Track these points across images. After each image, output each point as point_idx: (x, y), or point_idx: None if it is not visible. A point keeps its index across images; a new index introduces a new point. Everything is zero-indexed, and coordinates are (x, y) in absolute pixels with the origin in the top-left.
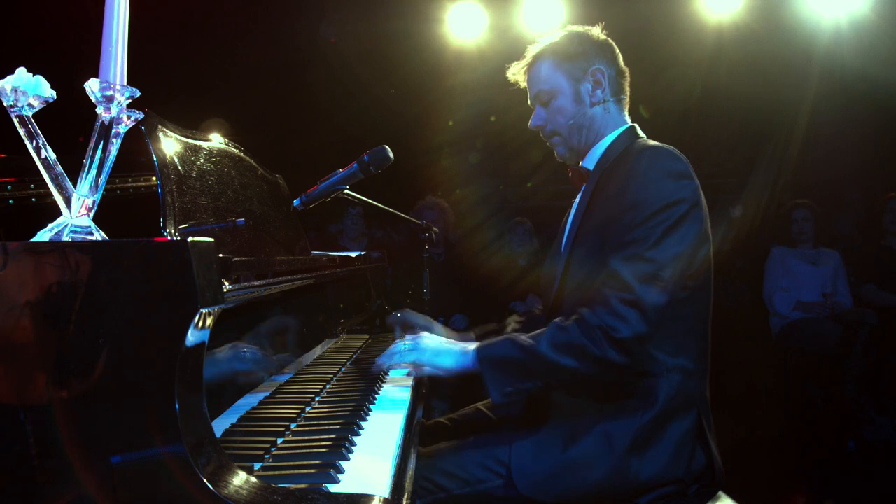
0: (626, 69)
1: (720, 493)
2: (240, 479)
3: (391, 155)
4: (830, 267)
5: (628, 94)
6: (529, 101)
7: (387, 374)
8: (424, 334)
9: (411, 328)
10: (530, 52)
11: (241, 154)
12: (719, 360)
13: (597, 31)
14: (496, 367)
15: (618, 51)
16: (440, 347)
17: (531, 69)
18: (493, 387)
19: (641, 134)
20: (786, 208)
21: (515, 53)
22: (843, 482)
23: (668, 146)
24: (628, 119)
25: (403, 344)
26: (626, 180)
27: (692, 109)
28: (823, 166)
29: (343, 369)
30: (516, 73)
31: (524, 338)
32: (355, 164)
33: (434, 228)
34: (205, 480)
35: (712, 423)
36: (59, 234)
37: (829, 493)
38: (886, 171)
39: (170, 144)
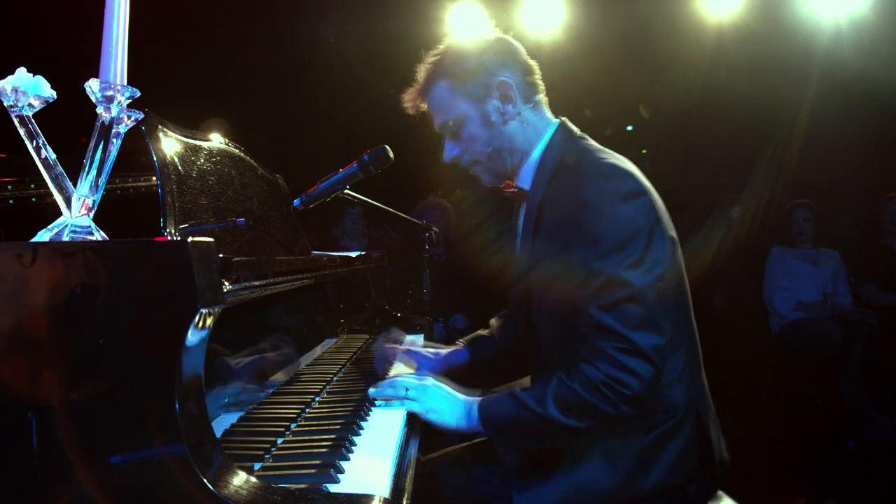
0: (532, 63)
1: (720, 492)
2: (240, 479)
3: (391, 155)
4: (830, 267)
5: (542, 87)
6: (436, 129)
7: (387, 373)
8: (429, 381)
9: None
10: (421, 76)
11: (241, 154)
12: (719, 360)
13: (492, 34)
14: (501, 429)
15: (517, 45)
16: (443, 401)
17: (428, 95)
18: (499, 446)
19: (573, 129)
20: (786, 208)
21: None
22: (843, 482)
23: (608, 160)
24: (551, 116)
25: (403, 380)
26: (576, 210)
27: (692, 109)
28: (823, 166)
29: (343, 369)
30: (412, 102)
31: (527, 396)
32: (355, 164)
33: (434, 228)
34: (205, 480)
35: (714, 415)
36: (59, 234)
37: (829, 493)
38: (886, 171)
39: (170, 144)
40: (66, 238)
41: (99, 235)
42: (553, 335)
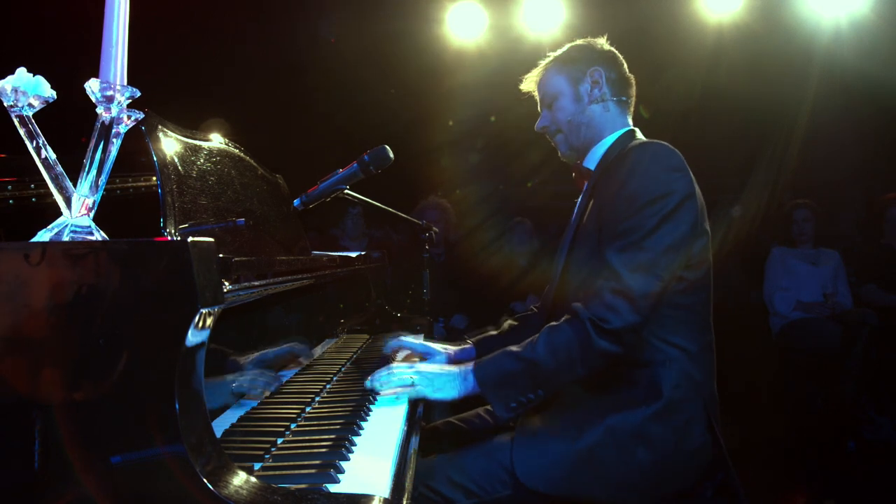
0: (630, 76)
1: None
2: (240, 479)
3: (391, 155)
4: (831, 267)
5: (633, 99)
6: (538, 108)
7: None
8: (421, 365)
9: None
10: (540, 64)
11: (241, 154)
12: (719, 360)
13: (601, 42)
14: (497, 384)
15: (622, 59)
16: (440, 380)
17: (540, 78)
18: (496, 404)
19: (641, 136)
20: (786, 208)
21: (515, 54)
22: (843, 482)
23: (664, 142)
24: (630, 122)
25: (401, 374)
26: (621, 175)
27: (692, 109)
28: (823, 166)
29: (343, 369)
30: (528, 85)
31: (518, 348)
32: (355, 164)
33: (434, 228)
34: (205, 480)
35: (719, 418)
36: (59, 234)
37: (829, 493)
38: (886, 171)
39: (170, 144)
40: (66, 238)
41: (99, 235)
42: (575, 298)
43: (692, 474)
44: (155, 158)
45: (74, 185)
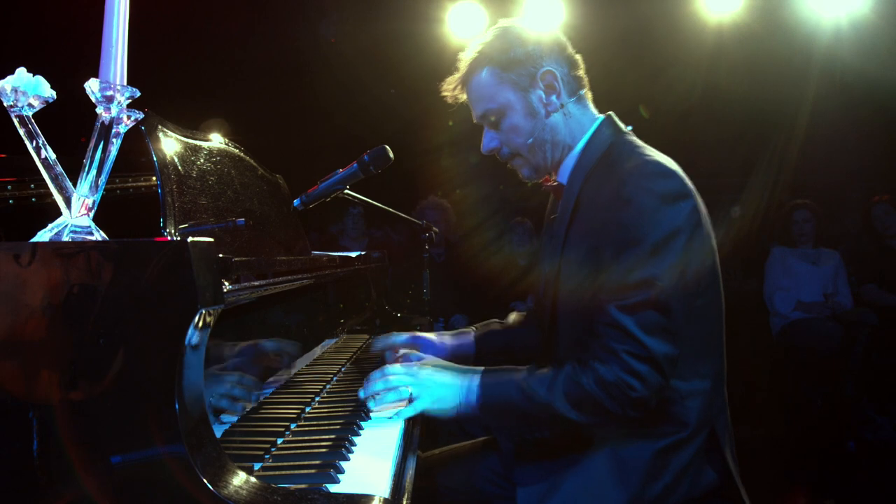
0: (577, 57)
1: None
2: (240, 479)
3: (391, 155)
4: (831, 267)
5: (587, 82)
6: (475, 120)
7: None
8: (417, 367)
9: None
10: (464, 63)
11: (241, 154)
12: None
13: (536, 24)
14: (501, 414)
15: (563, 38)
16: (440, 391)
17: (469, 84)
18: (499, 435)
19: (619, 124)
20: (786, 209)
21: None
22: (843, 482)
23: (654, 158)
24: (596, 111)
25: (398, 382)
26: (614, 203)
27: (692, 109)
28: (823, 166)
29: (343, 369)
30: (452, 90)
31: (532, 382)
32: (355, 164)
33: (434, 228)
34: (205, 480)
35: (732, 437)
36: (59, 234)
37: (829, 493)
38: (886, 171)
39: (170, 144)
40: (66, 238)
41: (99, 235)
42: (574, 336)
43: (695, 496)
44: (155, 158)
45: (74, 185)
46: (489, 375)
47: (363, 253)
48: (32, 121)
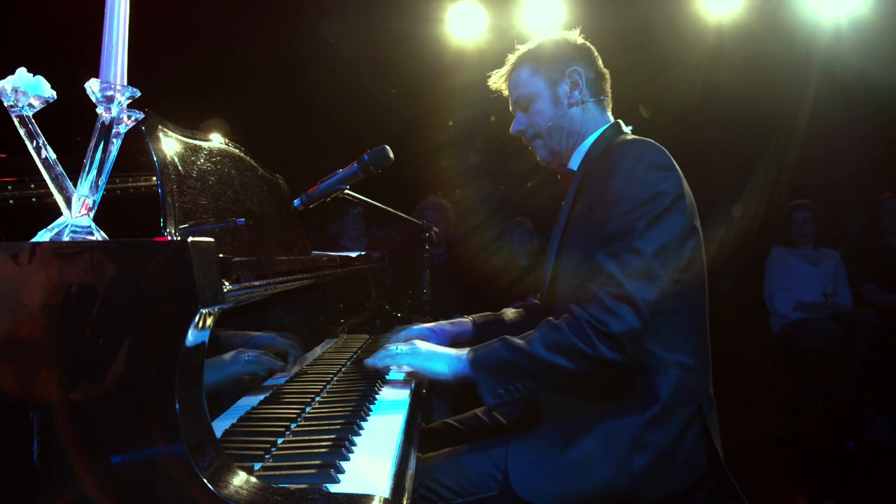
0: (605, 72)
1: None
2: (240, 479)
3: (391, 155)
4: (831, 267)
5: (610, 95)
6: (511, 108)
7: (387, 374)
8: (418, 340)
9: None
10: (510, 60)
11: (241, 154)
12: (719, 360)
13: (574, 36)
14: (488, 369)
15: (596, 54)
16: (433, 353)
17: (511, 76)
18: (484, 389)
19: (625, 129)
20: (786, 209)
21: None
22: (843, 482)
23: (649, 140)
24: (611, 117)
25: (397, 348)
26: (607, 176)
27: (692, 109)
28: (823, 166)
29: (343, 369)
30: (497, 82)
31: (516, 339)
32: (355, 164)
33: (434, 228)
34: (205, 480)
35: (716, 420)
36: (59, 234)
37: (829, 493)
38: (886, 171)
39: (170, 144)
40: (66, 238)
41: (99, 235)
42: (569, 299)
43: (686, 479)
44: (155, 158)
45: (74, 185)
46: (481, 345)
47: (363, 253)
48: (33, 121)
